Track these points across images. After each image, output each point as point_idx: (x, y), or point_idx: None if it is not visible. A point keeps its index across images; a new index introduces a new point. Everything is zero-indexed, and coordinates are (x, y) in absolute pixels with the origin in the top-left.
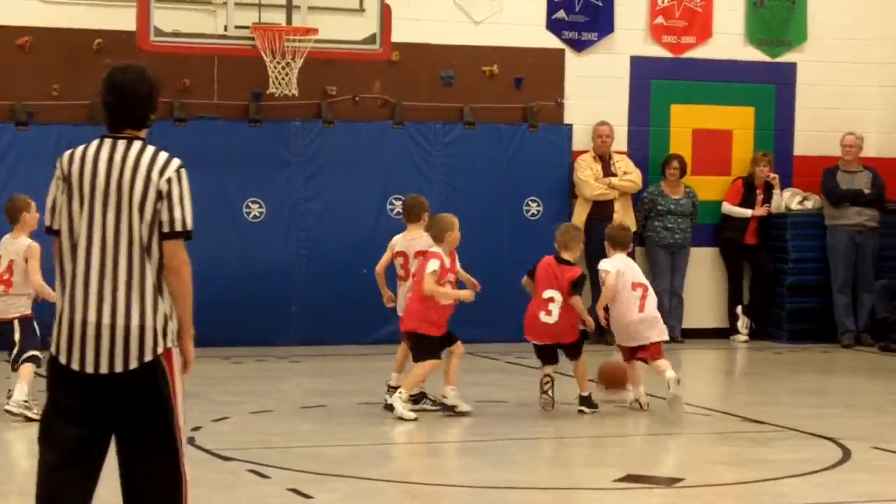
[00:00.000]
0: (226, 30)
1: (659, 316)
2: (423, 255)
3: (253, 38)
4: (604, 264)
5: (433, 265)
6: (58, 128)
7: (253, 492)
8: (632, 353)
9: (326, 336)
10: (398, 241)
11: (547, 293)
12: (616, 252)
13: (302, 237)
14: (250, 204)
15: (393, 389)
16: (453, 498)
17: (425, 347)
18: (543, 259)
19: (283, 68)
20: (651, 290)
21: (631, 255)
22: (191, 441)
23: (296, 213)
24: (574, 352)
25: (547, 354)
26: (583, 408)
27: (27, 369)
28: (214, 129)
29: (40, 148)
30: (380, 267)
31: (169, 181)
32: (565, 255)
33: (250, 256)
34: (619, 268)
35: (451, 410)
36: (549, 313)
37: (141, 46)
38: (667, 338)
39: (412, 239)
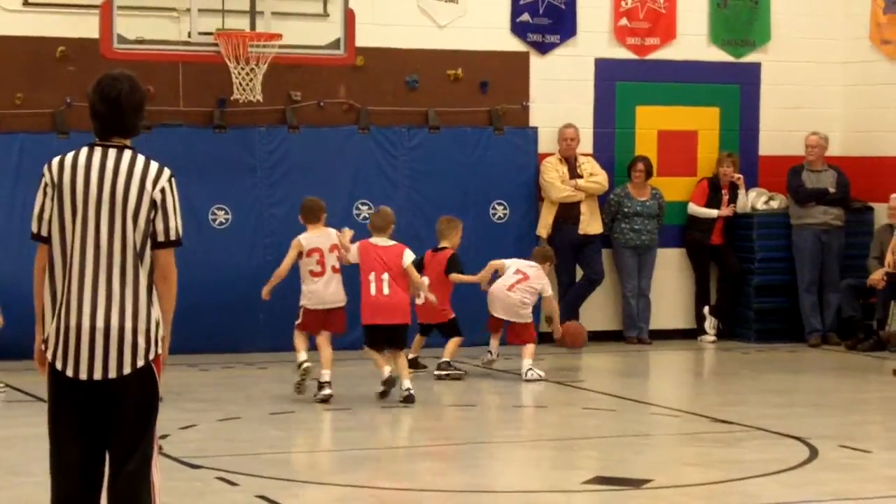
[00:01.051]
0: (189, 36)
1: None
2: (337, 248)
3: (217, 45)
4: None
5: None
6: (21, 136)
7: (221, 499)
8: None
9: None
10: (309, 239)
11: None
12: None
13: (268, 243)
14: (216, 210)
15: (326, 384)
16: (421, 503)
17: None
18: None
19: (248, 74)
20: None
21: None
22: (158, 449)
23: (262, 220)
24: (447, 330)
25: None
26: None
27: None
28: (179, 135)
29: (4, 156)
30: (285, 269)
31: (163, 191)
32: (443, 244)
33: (217, 263)
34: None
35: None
36: (418, 296)
37: (104, 54)
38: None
39: (320, 235)
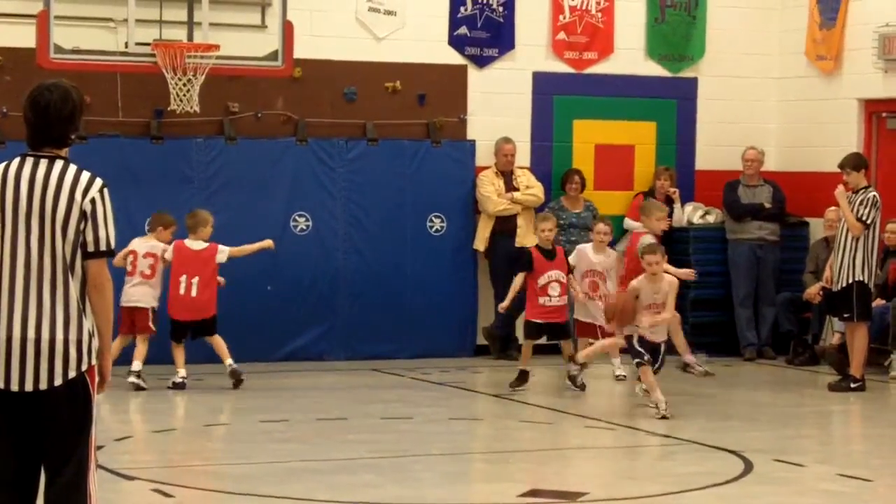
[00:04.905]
0: (126, 47)
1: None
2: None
3: (154, 55)
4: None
5: None
6: None
7: None
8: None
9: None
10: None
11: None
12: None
13: None
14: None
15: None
16: None
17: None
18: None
19: (185, 85)
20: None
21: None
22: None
23: None
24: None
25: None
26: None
27: None
28: (116, 146)
29: None
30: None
31: (93, 201)
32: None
33: None
34: None
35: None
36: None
37: (41, 64)
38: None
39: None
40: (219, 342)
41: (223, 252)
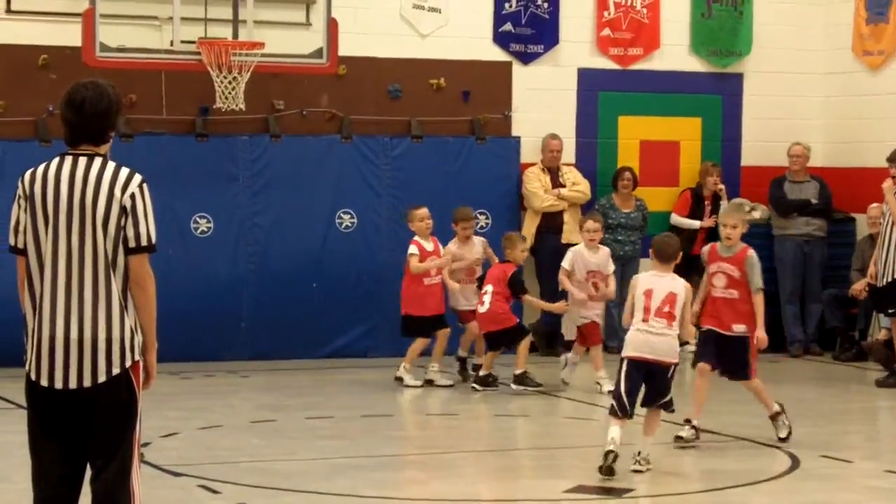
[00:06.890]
0: (172, 45)
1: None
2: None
3: (199, 53)
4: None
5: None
6: (3, 144)
7: None
8: None
9: (276, 351)
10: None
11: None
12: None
13: (251, 252)
14: (198, 219)
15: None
16: None
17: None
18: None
19: (230, 83)
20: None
21: None
22: (140, 457)
23: (244, 228)
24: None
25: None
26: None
27: None
28: (161, 144)
29: None
30: None
31: (132, 197)
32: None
33: (199, 271)
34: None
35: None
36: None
37: (86, 62)
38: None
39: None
40: (439, 339)
41: (410, 253)
